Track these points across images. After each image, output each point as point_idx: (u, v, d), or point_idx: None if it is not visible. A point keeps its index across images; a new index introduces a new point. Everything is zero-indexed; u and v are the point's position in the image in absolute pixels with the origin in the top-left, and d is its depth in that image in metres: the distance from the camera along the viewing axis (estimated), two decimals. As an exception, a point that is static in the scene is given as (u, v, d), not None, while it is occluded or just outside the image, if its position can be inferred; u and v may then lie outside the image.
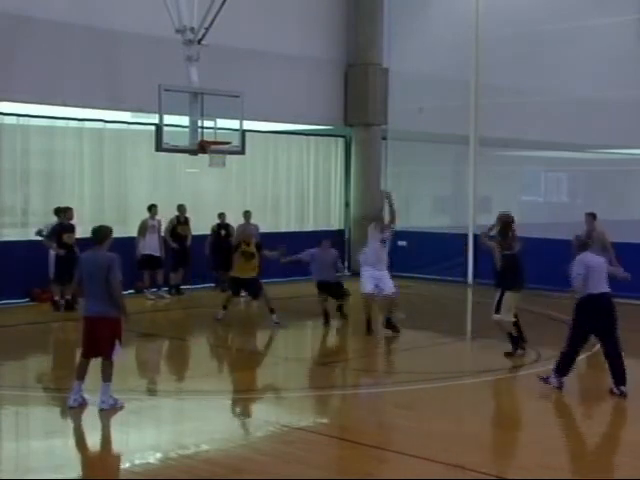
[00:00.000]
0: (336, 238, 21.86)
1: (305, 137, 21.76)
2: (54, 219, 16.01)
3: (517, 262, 12.35)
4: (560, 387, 10.26)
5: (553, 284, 17.94)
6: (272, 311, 14.59)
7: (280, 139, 21.35)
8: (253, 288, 14.90)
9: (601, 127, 19.80)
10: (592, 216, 15.27)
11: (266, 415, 9.55)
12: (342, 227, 22.26)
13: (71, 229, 15.91)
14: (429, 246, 20.60)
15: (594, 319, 10.18)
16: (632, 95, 18.63)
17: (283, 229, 20.86)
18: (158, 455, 8.10)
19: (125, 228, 17.46)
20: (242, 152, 16.53)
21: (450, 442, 8.53)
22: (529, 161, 23.07)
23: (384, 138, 22.04)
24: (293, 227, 21.11)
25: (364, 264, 14.04)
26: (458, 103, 20.35)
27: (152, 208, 17.50)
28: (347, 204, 22.30)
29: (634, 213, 20.14)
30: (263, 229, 18.96)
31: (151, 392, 10.87)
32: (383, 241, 13.96)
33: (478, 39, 19.97)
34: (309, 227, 21.43)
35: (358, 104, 21.69)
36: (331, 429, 9.04)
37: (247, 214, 18.43)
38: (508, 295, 12.18)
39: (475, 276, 19.90)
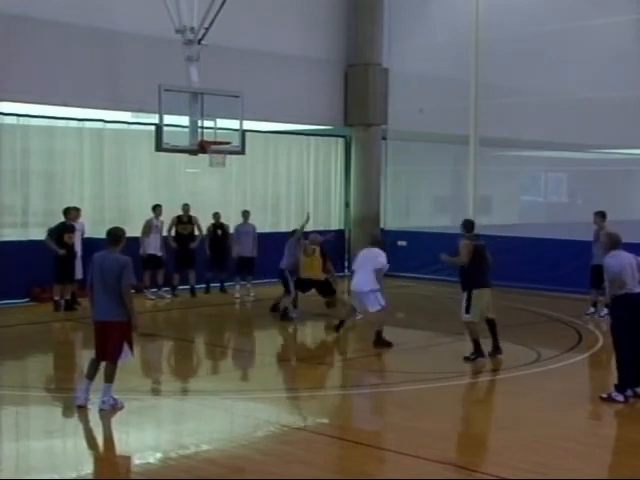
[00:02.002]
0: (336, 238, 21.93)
1: (305, 137, 21.74)
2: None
3: (485, 255, 11.92)
4: (626, 401, 9.68)
5: (553, 284, 18.02)
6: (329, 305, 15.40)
7: (280, 139, 21.34)
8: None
9: (601, 127, 19.76)
10: (601, 215, 15.14)
11: (266, 415, 9.55)
12: (342, 227, 22.24)
13: (72, 230, 15.91)
14: (429, 246, 20.53)
15: (632, 319, 9.55)
16: (632, 95, 18.61)
17: (283, 229, 20.80)
18: (158, 455, 8.11)
19: (125, 228, 17.37)
20: (242, 152, 16.53)
21: (450, 442, 8.55)
22: (529, 161, 23.06)
23: (384, 138, 22.04)
24: (293, 227, 20.99)
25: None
26: (458, 103, 20.34)
27: (156, 208, 17.48)
28: (347, 204, 22.28)
29: (634, 213, 20.13)
30: (264, 229, 18.94)
31: (151, 392, 10.87)
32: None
33: (478, 39, 19.96)
34: (309, 227, 21.36)
35: (358, 104, 21.68)
36: (331, 429, 9.04)
37: (246, 214, 18.37)
38: (476, 293, 11.73)
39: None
